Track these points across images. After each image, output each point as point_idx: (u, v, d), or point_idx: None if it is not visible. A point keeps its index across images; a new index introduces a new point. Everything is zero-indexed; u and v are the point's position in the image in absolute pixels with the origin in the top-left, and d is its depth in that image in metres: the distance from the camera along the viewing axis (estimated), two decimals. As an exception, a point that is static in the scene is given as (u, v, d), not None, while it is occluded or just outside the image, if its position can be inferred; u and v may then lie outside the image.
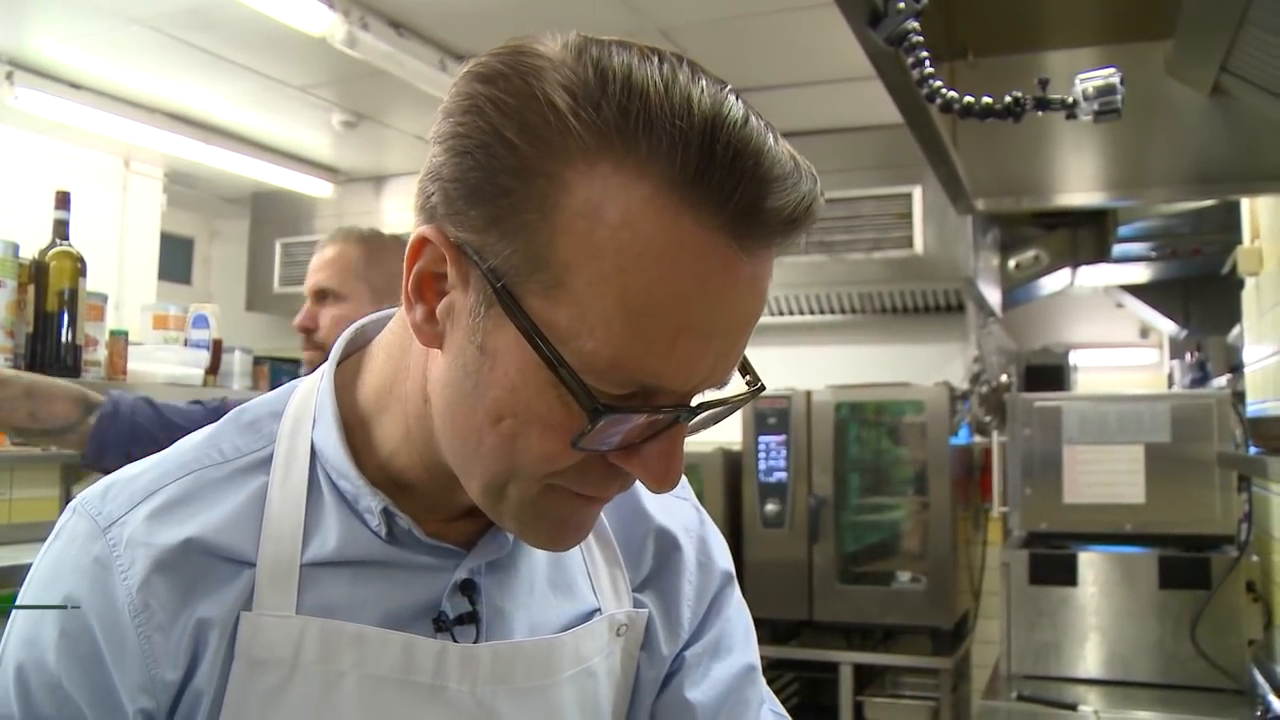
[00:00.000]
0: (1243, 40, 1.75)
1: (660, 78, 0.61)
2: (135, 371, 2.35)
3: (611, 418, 0.64)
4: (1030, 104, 1.33)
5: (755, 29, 3.42)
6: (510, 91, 0.63)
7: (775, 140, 0.63)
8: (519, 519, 0.72)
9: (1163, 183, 2.67)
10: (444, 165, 0.66)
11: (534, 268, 0.63)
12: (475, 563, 0.80)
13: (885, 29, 1.37)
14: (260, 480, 0.78)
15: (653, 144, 0.60)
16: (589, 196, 0.61)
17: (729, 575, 0.97)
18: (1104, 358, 6.64)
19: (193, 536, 0.74)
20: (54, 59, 3.85)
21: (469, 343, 0.67)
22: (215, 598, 0.74)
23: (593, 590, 0.88)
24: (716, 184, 0.60)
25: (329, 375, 0.81)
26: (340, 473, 0.78)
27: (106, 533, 0.74)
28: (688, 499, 0.98)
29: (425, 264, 0.68)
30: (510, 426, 0.67)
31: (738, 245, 0.62)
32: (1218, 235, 4.25)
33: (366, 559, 0.77)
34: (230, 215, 5.88)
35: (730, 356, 0.67)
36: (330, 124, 4.44)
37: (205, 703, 0.73)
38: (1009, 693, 2.69)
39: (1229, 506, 2.82)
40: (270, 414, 0.82)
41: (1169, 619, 2.77)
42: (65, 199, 2.21)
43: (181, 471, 0.78)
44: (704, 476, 4.18)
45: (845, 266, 4.36)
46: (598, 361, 0.63)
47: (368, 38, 3.14)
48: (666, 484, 0.69)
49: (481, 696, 0.78)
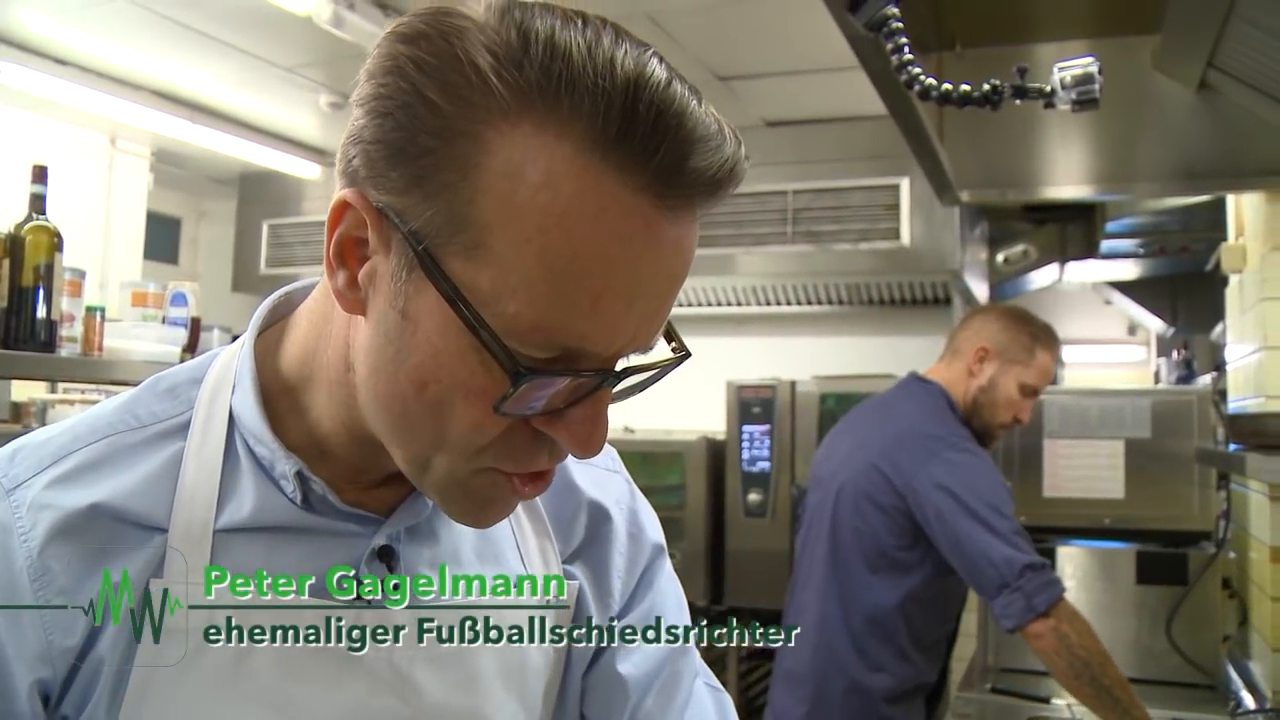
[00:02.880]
0: (1229, 35, 1.75)
1: (583, 40, 0.61)
2: (112, 348, 2.33)
3: (534, 380, 0.63)
4: (1009, 92, 1.32)
5: (743, 16, 3.40)
6: (432, 52, 0.63)
7: (699, 103, 0.63)
8: (443, 493, 0.72)
9: (1148, 177, 2.67)
10: (365, 127, 0.65)
11: (455, 229, 0.62)
12: (393, 528, 0.80)
13: (865, 14, 1.36)
14: (176, 446, 0.77)
15: (575, 104, 0.60)
16: (510, 156, 0.61)
17: (660, 548, 0.97)
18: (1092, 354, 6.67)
19: (100, 501, 0.73)
20: (39, 34, 3.82)
21: (391, 308, 0.66)
22: (123, 563, 0.72)
23: (521, 561, 0.87)
24: (639, 144, 0.60)
25: (249, 342, 0.80)
26: (256, 438, 0.77)
27: (10, 495, 0.73)
28: (619, 471, 0.98)
29: (346, 229, 0.67)
30: (434, 393, 0.66)
31: (661, 205, 0.62)
32: (1206, 233, 4.25)
33: (282, 525, 0.77)
34: (218, 196, 5.85)
35: (655, 320, 0.67)
36: (318, 105, 4.41)
37: (107, 672, 0.71)
38: (983, 685, 2.69)
39: (1207, 503, 2.82)
40: (190, 380, 0.81)
41: (1146, 614, 2.78)
42: (42, 173, 2.19)
43: (94, 436, 0.76)
44: (687, 465, 4.17)
45: (832, 257, 4.35)
46: (520, 324, 0.62)
47: (354, 18, 3.12)
48: (590, 449, 0.68)
49: (398, 663, 0.78)
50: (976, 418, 2.47)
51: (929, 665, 2.42)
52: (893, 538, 2.35)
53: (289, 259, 5.39)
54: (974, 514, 2.23)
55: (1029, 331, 2.47)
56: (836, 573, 2.41)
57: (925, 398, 2.50)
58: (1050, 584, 2.17)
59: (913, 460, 2.34)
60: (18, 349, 2.11)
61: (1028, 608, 2.15)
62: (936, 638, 2.45)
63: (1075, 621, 2.17)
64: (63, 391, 3.95)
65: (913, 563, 2.34)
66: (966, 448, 2.37)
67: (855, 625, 2.36)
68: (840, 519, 2.43)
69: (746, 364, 4.48)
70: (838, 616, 2.38)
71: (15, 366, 2.18)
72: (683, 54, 3.66)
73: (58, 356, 2.19)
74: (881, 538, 2.36)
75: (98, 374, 2.35)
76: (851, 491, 2.42)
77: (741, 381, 4.17)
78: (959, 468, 2.31)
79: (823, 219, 4.32)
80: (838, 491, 2.45)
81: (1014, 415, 2.46)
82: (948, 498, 2.26)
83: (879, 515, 2.37)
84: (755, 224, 4.39)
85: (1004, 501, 2.28)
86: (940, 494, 2.27)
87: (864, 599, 2.36)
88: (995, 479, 2.35)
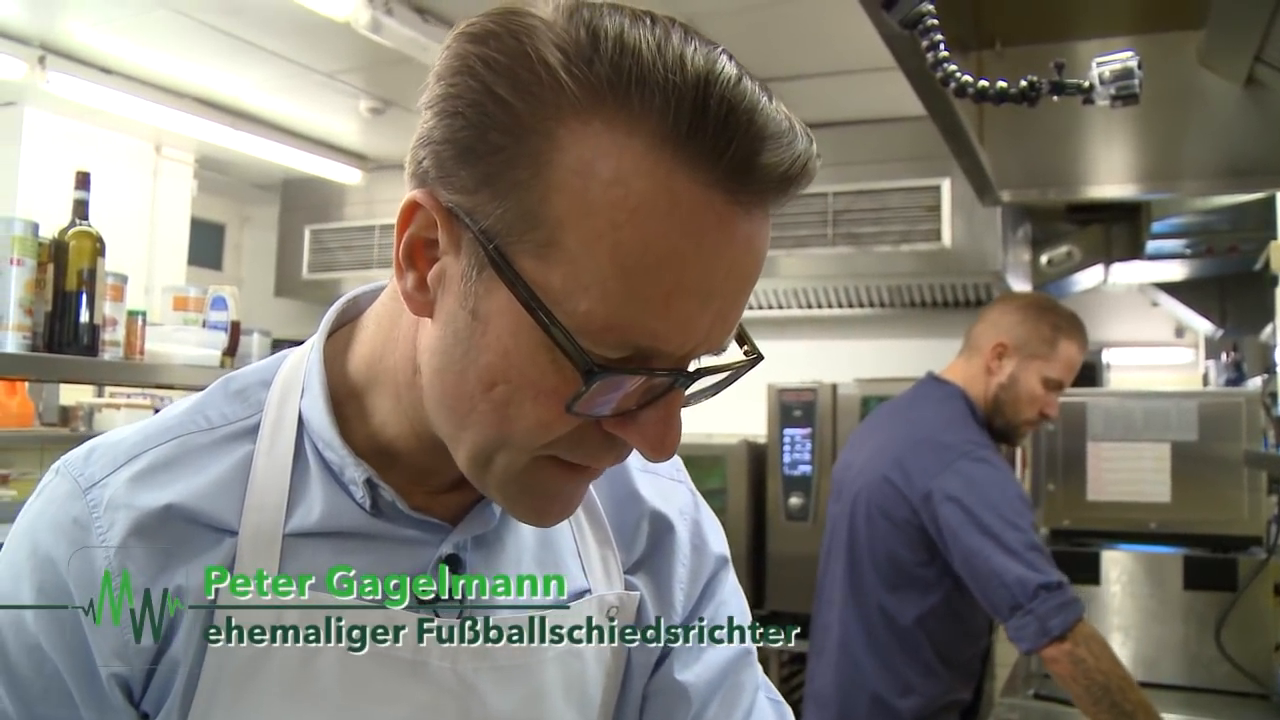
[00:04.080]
0: (1278, 29, 1.71)
1: (653, 37, 0.61)
2: (153, 352, 2.36)
3: (606, 379, 0.63)
4: (1046, 88, 1.29)
5: (782, 18, 3.39)
6: (502, 50, 0.63)
7: (770, 100, 0.62)
8: (504, 490, 0.71)
9: (1195, 175, 2.62)
10: (435, 128, 0.66)
11: (526, 227, 0.62)
12: (461, 537, 0.79)
13: (899, 11, 1.34)
14: (246, 449, 0.77)
15: (645, 100, 0.60)
16: (581, 153, 0.61)
17: (724, 559, 0.96)
18: (1138, 357, 6.57)
19: (174, 502, 0.74)
20: (85, 43, 3.89)
21: (460, 308, 0.66)
22: (194, 565, 0.73)
23: (583, 571, 0.86)
24: (710, 140, 0.60)
25: (319, 346, 0.81)
26: (326, 443, 0.77)
27: (87, 494, 0.74)
28: (683, 481, 0.97)
29: (416, 230, 0.67)
30: (503, 393, 0.66)
31: (733, 201, 0.62)
32: (1255, 232, 4.16)
33: (350, 531, 0.77)
34: (261, 202, 5.92)
35: (728, 319, 0.66)
36: (358, 110, 4.45)
37: (182, 672, 0.72)
38: (1026, 691, 2.66)
39: (1258, 507, 2.76)
40: (259, 383, 0.81)
41: (1194, 620, 2.72)
42: (85, 179, 2.22)
43: (166, 436, 0.77)
44: (728, 469, 4.16)
45: (873, 259, 4.32)
46: (592, 322, 0.62)
47: (392, 23, 3.14)
48: (663, 452, 0.68)
49: (463, 673, 0.78)
50: (999, 416, 2.35)
51: (960, 682, 2.31)
52: (909, 553, 2.24)
53: (331, 264, 5.43)
54: (986, 529, 2.11)
55: (1050, 322, 2.34)
56: (855, 590, 2.31)
57: (942, 400, 2.38)
58: (1065, 606, 2.05)
59: (924, 471, 2.22)
60: (61, 353, 2.14)
61: (1041, 631, 2.04)
62: (967, 655, 2.33)
63: (1093, 644, 2.05)
64: (109, 396, 4.02)
65: (931, 579, 2.23)
66: (982, 456, 2.24)
67: (878, 644, 2.25)
68: (856, 534, 2.32)
69: (788, 367, 4.46)
70: (860, 635, 2.28)
71: (59, 370, 2.21)
72: (720, 56, 3.64)
73: (100, 360, 2.21)
74: (898, 553, 2.25)
75: (139, 377, 2.38)
76: (865, 504, 2.32)
77: (783, 384, 4.14)
78: (972, 479, 2.18)
79: (863, 221, 4.30)
80: (853, 504, 2.35)
81: (1039, 411, 2.33)
82: (959, 511, 2.15)
83: (893, 530, 2.25)
84: (796, 226, 4.37)
85: (1020, 514, 2.15)
86: (951, 507, 2.16)
87: (884, 617, 2.25)
88: (1012, 490, 2.22)
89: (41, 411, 3.83)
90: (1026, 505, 2.20)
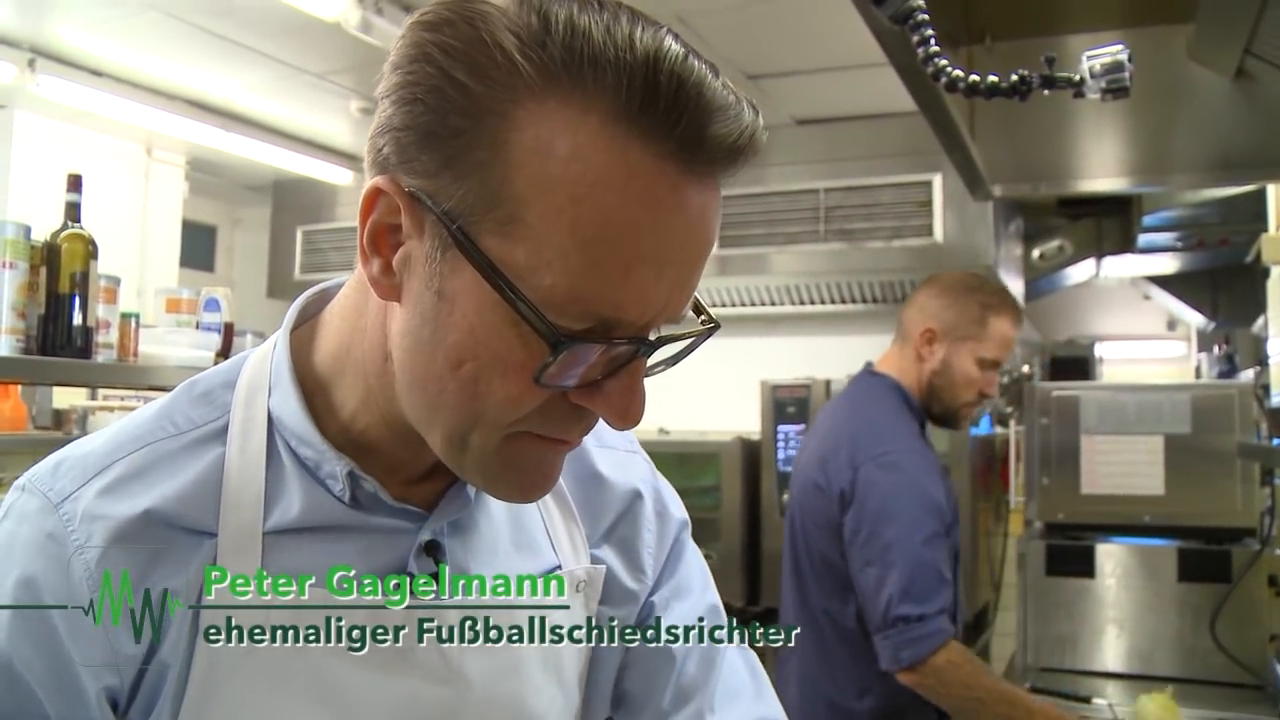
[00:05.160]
0: (1267, 22, 1.71)
1: (601, 20, 0.64)
2: (146, 354, 2.35)
3: (572, 350, 0.65)
4: (1037, 82, 1.30)
5: (772, 14, 3.39)
6: (458, 36, 0.65)
7: (716, 76, 0.65)
8: (484, 471, 0.73)
9: (1185, 169, 2.63)
10: (394, 116, 0.67)
11: (488, 206, 0.64)
12: (439, 523, 0.81)
13: (890, 6, 1.34)
14: (216, 451, 0.77)
15: (598, 79, 0.63)
16: (539, 132, 0.63)
17: (684, 523, 1.01)
18: (1131, 350, 6.60)
19: (152, 508, 0.74)
20: (75, 46, 3.88)
21: (426, 289, 0.68)
22: (178, 569, 0.73)
23: (552, 548, 0.89)
24: (662, 113, 0.63)
25: (284, 342, 0.81)
26: (301, 439, 0.78)
27: (59, 508, 0.73)
28: (637, 451, 1.01)
29: (379, 216, 0.69)
30: (471, 370, 0.67)
31: (686, 172, 0.65)
32: (1246, 224, 4.19)
33: (330, 524, 0.78)
34: (252, 203, 5.91)
35: (684, 288, 0.69)
36: (349, 111, 4.44)
37: (172, 675, 0.73)
38: (1023, 684, 2.66)
39: (1251, 499, 2.77)
40: (223, 384, 0.82)
41: (1188, 612, 2.74)
42: (76, 181, 2.21)
43: (135, 445, 0.77)
44: (723, 465, 4.16)
45: (865, 255, 4.32)
46: (556, 295, 0.64)
47: (382, 23, 3.14)
48: (629, 420, 0.70)
49: (449, 655, 0.80)
50: (936, 403, 2.31)
51: None
52: (838, 555, 2.20)
53: (323, 264, 5.42)
54: (873, 541, 2.10)
55: (978, 301, 2.29)
56: (801, 597, 2.29)
57: (874, 394, 2.34)
58: (918, 640, 2.04)
59: (839, 474, 2.20)
60: (55, 355, 2.13)
61: (894, 659, 2.05)
62: None
63: (944, 674, 2.05)
64: (102, 398, 4.00)
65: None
66: (890, 462, 2.18)
67: (826, 649, 2.24)
68: (796, 539, 2.30)
69: (780, 363, 4.46)
70: (810, 642, 2.26)
71: (52, 373, 2.21)
72: (711, 53, 3.59)
73: (93, 363, 2.20)
74: (830, 557, 2.22)
75: (133, 379, 2.37)
76: (799, 509, 2.30)
77: (776, 381, 4.14)
78: (874, 487, 2.15)
79: (855, 216, 4.30)
80: (792, 508, 2.33)
81: (978, 392, 2.29)
82: (854, 518, 2.14)
83: (821, 533, 2.23)
84: (787, 223, 4.37)
85: (917, 525, 2.11)
86: (851, 514, 2.15)
87: (829, 620, 2.23)
88: (915, 503, 2.15)
89: (35, 415, 3.82)
90: (931, 512, 2.15)
